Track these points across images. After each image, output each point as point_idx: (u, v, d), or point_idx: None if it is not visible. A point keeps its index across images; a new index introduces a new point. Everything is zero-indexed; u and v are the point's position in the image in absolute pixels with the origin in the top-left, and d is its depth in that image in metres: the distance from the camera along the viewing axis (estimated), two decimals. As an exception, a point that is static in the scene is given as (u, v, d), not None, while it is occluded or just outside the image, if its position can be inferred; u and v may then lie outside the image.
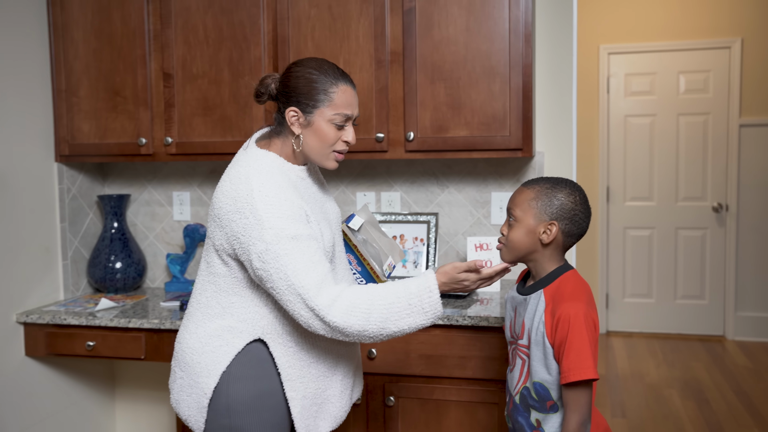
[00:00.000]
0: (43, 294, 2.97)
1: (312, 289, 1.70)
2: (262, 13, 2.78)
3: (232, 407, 1.81)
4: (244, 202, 1.74)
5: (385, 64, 2.70)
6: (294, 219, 1.74)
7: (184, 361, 1.88)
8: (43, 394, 2.97)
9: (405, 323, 1.75)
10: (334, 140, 1.85)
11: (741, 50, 5.53)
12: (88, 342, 2.77)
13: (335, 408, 1.92)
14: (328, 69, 1.84)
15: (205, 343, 1.84)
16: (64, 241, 3.05)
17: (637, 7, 5.69)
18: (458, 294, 2.66)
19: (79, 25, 2.96)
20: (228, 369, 1.82)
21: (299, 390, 1.84)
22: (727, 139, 5.62)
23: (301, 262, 1.71)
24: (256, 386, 1.82)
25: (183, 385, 1.88)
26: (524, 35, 2.59)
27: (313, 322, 1.71)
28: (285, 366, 1.83)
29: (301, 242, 1.72)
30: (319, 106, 1.82)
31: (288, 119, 1.84)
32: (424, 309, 1.76)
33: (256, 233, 1.72)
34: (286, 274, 1.70)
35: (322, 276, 1.72)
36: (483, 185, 3.02)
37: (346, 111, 1.84)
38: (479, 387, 2.47)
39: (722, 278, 5.71)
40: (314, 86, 1.82)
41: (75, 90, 2.98)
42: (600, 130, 5.84)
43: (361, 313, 1.71)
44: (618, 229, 5.91)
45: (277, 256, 1.70)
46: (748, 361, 5.15)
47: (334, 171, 3.15)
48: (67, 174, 3.09)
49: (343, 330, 1.71)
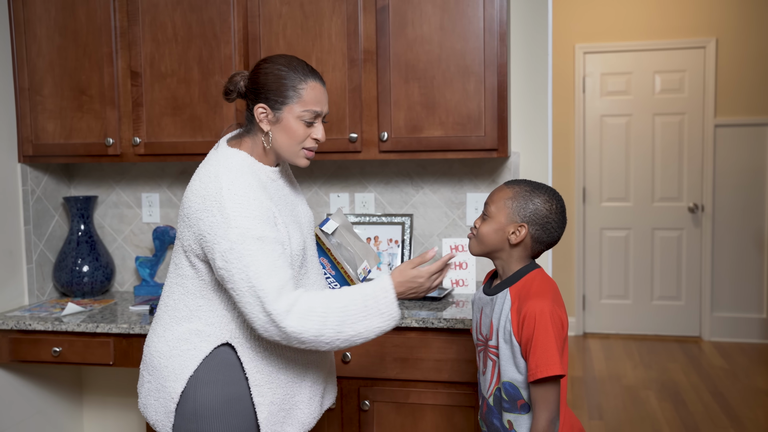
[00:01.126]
0: (7, 299, 2.93)
1: (272, 293, 1.68)
2: (232, 10, 2.76)
3: (199, 412, 1.79)
4: (213, 200, 1.73)
5: (359, 63, 2.69)
6: (261, 220, 1.73)
7: (152, 365, 1.86)
8: (8, 402, 2.92)
9: (362, 326, 1.74)
10: (303, 137, 1.85)
11: (716, 50, 5.58)
12: (55, 348, 2.73)
13: (303, 414, 1.90)
14: (297, 65, 1.84)
15: (172, 347, 1.83)
16: (28, 244, 3.01)
17: (613, 7, 5.73)
18: (433, 296, 2.66)
19: (43, 21, 2.92)
20: (195, 373, 1.80)
21: (267, 395, 1.82)
22: (703, 140, 5.68)
23: (264, 265, 1.69)
24: (224, 391, 1.80)
25: (150, 389, 1.86)
26: (499, 34, 2.60)
27: (269, 327, 1.70)
28: (253, 371, 1.81)
29: (266, 244, 1.71)
30: (288, 102, 1.81)
31: (257, 116, 1.83)
32: (380, 310, 1.76)
33: (222, 231, 1.70)
34: (248, 275, 1.68)
35: (284, 282, 1.71)
36: (458, 186, 3.02)
37: (315, 108, 1.84)
38: (455, 390, 2.47)
39: (698, 279, 5.77)
40: (283, 83, 1.81)
41: (39, 88, 2.94)
42: (576, 130, 5.87)
43: (317, 317, 1.70)
44: (594, 229, 5.95)
45: (240, 255, 1.69)
46: (724, 362, 5.21)
47: (307, 171, 3.14)
48: (32, 175, 3.04)
49: (299, 336, 1.70)
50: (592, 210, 5.93)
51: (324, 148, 2.74)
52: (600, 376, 4.94)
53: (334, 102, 2.72)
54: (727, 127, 5.62)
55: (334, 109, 2.72)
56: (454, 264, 2.83)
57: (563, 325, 1.78)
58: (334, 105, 2.72)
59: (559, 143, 5.86)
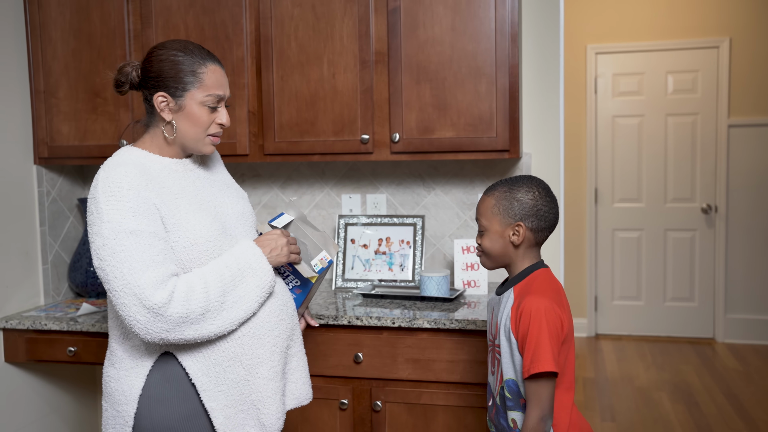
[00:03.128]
0: (23, 299, 2.95)
1: (148, 288, 1.60)
2: (244, 12, 2.77)
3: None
4: (91, 198, 1.68)
5: (370, 65, 2.69)
6: (135, 212, 1.64)
7: (106, 392, 1.80)
8: (24, 401, 2.94)
9: (242, 289, 1.73)
10: (207, 123, 1.80)
11: (729, 50, 5.55)
12: (70, 347, 2.75)
13: (264, 415, 1.79)
14: (193, 49, 1.78)
15: (119, 368, 1.76)
16: (44, 245, 3.03)
17: (624, 7, 5.70)
18: (445, 297, 2.65)
19: (57, 25, 2.94)
20: (144, 391, 1.72)
21: (219, 399, 1.74)
22: (716, 140, 5.64)
23: (138, 260, 1.60)
24: (181, 408, 1.73)
25: (107, 417, 1.79)
26: (510, 35, 2.59)
27: (153, 324, 1.61)
28: (198, 375, 1.73)
29: (141, 239, 1.62)
30: (189, 88, 1.76)
31: (157, 105, 1.76)
32: (252, 268, 1.75)
33: (96, 228, 1.64)
34: (123, 272, 1.60)
35: (162, 277, 1.62)
36: (470, 187, 3.02)
37: (218, 91, 1.79)
38: (467, 391, 2.47)
39: (712, 280, 5.74)
40: (181, 68, 1.76)
41: (54, 91, 2.96)
42: (588, 130, 5.85)
43: (199, 293, 1.66)
44: (606, 230, 5.92)
45: (113, 251, 1.61)
46: (738, 363, 5.17)
47: (319, 173, 3.14)
48: (47, 177, 3.06)
49: (186, 317, 1.63)
50: (604, 211, 5.91)
51: (335, 150, 2.74)
52: (612, 378, 4.92)
53: (346, 103, 2.72)
54: (740, 128, 5.59)
55: (346, 111, 2.73)
56: (467, 265, 2.82)
57: (562, 325, 1.77)
58: (346, 106, 2.72)
59: (571, 144, 5.85)
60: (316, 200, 3.17)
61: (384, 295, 2.76)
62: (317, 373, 2.55)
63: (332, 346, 2.55)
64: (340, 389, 2.56)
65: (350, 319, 2.51)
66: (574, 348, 1.88)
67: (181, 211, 1.73)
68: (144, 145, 1.83)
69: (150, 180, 1.71)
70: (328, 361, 2.56)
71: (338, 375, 2.55)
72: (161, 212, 1.70)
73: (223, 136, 2.81)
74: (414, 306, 2.64)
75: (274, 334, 1.83)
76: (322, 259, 1.97)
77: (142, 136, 1.85)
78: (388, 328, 2.51)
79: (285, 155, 2.81)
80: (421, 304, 2.68)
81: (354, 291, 2.85)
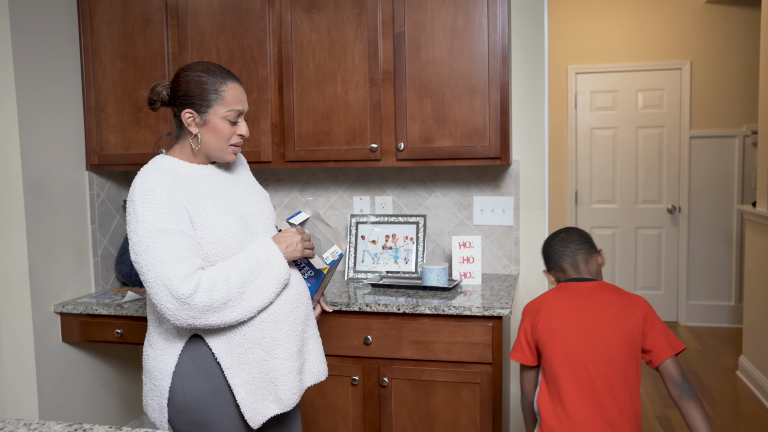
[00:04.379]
0: (77, 287, 2.91)
1: (177, 280, 1.58)
2: (268, 37, 2.72)
3: (190, 404, 1.70)
4: (129, 201, 1.66)
5: (378, 83, 2.64)
6: (166, 213, 1.62)
7: (146, 368, 1.78)
8: (78, 375, 2.92)
9: (260, 281, 1.69)
10: (229, 135, 1.76)
11: (690, 71, 5.49)
12: (117, 330, 2.71)
13: (281, 391, 1.76)
14: (215, 70, 1.75)
15: (155, 348, 1.74)
16: (94, 240, 2.99)
17: (600, 33, 5.64)
18: (444, 287, 2.60)
19: (107, 49, 2.90)
20: (177, 369, 1.71)
21: (240, 376, 1.71)
22: (680, 149, 5.58)
23: (169, 256, 1.59)
24: (209, 383, 1.70)
25: (147, 390, 1.77)
26: (501, 57, 2.53)
27: (181, 312, 1.60)
28: (222, 355, 1.70)
29: (171, 237, 1.61)
30: (212, 105, 1.73)
31: (185, 120, 1.74)
32: (270, 263, 1.71)
33: (133, 226, 1.62)
34: (155, 266, 1.59)
35: (189, 270, 1.61)
36: (466, 190, 2.96)
37: (238, 107, 1.76)
38: (463, 369, 2.41)
39: (675, 271, 5.66)
40: (205, 87, 1.73)
41: (103, 106, 2.92)
42: (569, 140, 5.79)
43: (221, 284, 1.63)
44: (585, 228, 5.85)
45: (147, 247, 1.60)
46: (697, 343, 5.10)
47: (333, 177, 3.09)
48: (97, 181, 3.02)
49: (210, 306, 1.61)
50: (583, 211, 5.84)
51: (348, 157, 2.69)
52: (590, 356, 4.84)
53: (356, 116, 2.67)
54: (700, 139, 5.53)
55: (357, 123, 2.67)
56: (463, 258, 2.76)
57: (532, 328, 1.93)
58: (356, 119, 2.67)
59: (554, 152, 5.80)
60: (330, 201, 3.11)
61: (390, 285, 2.70)
62: (332, 353, 2.51)
63: (345, 329, 2.49)
64: (351, 367, 2.50)
65: (361, 306, 2.45)
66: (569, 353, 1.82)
67: (207, 210, 1.70)
68: (175, 153, 1.79)
69: (180, 184, 1.68)
70: (341, 342, 2.50)
71: (350, 355, 2.50)
72: (189, 212, 1.67)
73: (249, 145, 2.76)
74: (416, 294, 2.58)
75: (290, 320, 1.79)
76: (333, 252, 1.93)
77: (173, 145, 1.81)
78: (394, 314, 2.45)
79: (303, 162, 2.76)
80: (423, 292, 2.62)
81: (364, 281, 2.80)
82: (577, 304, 1.86)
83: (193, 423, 1.70)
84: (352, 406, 2.53)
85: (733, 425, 3.57)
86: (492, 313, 2.34)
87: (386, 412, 2.49)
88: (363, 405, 2.52)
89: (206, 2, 2.78)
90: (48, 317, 2.76)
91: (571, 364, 1.80)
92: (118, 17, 2.88)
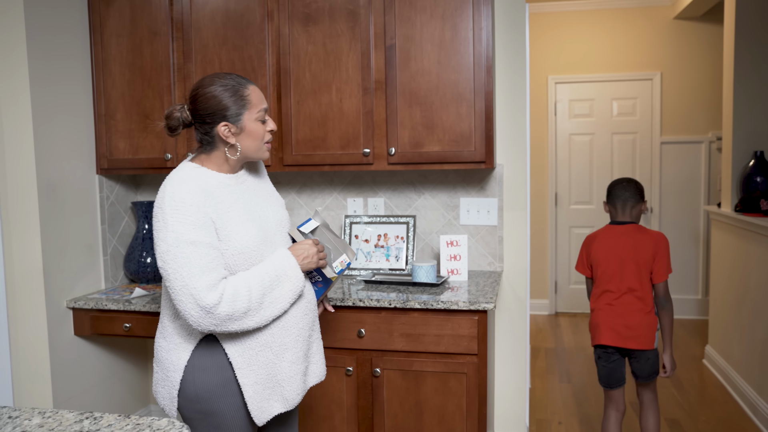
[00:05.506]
0: (88, 284, 2.87)
1: (203, 290, 1.55)
2: (267, 49, 2.69)
3: (200, 394, 1.67)
4: (158, 208, 1.60)
5: (371, 91, 2.61)
6: (195, 225, 1.57)
7: (158, 358, 1.74)
8: (89, 367, 2.88)
9: (278, 292, 1.66)
10: (263, 134, 1.73)
11: (661, 81, 5.49)
12: (125, 324, 2.67)
13: (286, 391, 1.74)
14: (232, 78, 1.69)
15: (169, 341, 1.71)
16: (104, 240, 2.95)
17: (578, 46, 5.64)
18: (432, 283, 2.57)
19: (116, 60, 2.86)
20: (189, 362, 1.67)
21: (250, 377, 1.68)
22: (651, 154, 5.58)
23: (196, 266, 1.55)
24: (218, 376, 1.67)
25: (158, 378, 1.74)
26: (486, 67, 2.51)
27: (203, 320, 1.57)
28: (234, 355, 1.67)
29: (199, 248, 1.57)
30: (243, 111, 1.68)
31: (221, 134, 1.67)
32: (288, 275, 1.69)
33: (162, 234, 1.57)
34: (182, 275, 1.55)
35: (214, 281, 1.58)
36: (453, 192, 2.94)
37: (263, 105, 1.73)
38: (451, 360, 2.39)
39: (648, 266, 5.66)
40: (232, 98, 1.67)
41: (112, 114, 2.88)
42: (549, 145, 5.78)
43: (243, 295, 1.60)
44: (564, 227, 5.84)
45: (175, 257, 1.55)
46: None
47: (328, 180, 3.06)
48: (106, 184, 2.98)
49: (231, 315, 1.58)
50: (563, 211, 5.83)
51: (342, 161, 2.66)
52: (569, 347, 4.83)
53: (350, 123, 2.64)
54: (670, 144, 5.53)
55: (351, 130, 2.65)
56: (450, 256, 2.74)
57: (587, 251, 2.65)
58: (350, 126, 2.64)
59: (535, 157, 5.79)
60: (326, 203, 3.09)
61: (382, 281, 2.68)
62: (327, 345, 2.48)
63: (340, 323, 2.47)
64: (346, 359, 2.48)
65: (354, 301, 2.42)
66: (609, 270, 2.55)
67: (232, 222, 1.65)
68: (204, 162, 1.72)
69: (208, 196, 1.63)
70: (336, 335, 2.47)
71: (345, 347, 2.47)
72: (216, 224, 1.62)
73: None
74: (407, 290, 2.55)
75: (299, 326, 1.77)
76: (342, 262, 1.91)
77: (200, 154, 1.74)
78: (386, 309, 2.42)
79: (300, 166, 2.73)
80: (413, 288, 2.59)
81: (357, 278, 2.77)
82: (615, 240, 2.57)
83: (202, 412, 1.68)
84: (347, 395, 2.51)
85: (699, 409, 3.56)
86: (477, 308, 2.32)
87: (378, 400, 2.47)
88: (357, 394, 2.50)
89: (209, 16, 2.75)
90: (61, 312, 2.72)
91: (609, 276, 2.55)
92: (126, 30, 2.85)
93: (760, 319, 3.40)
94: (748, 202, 3.68)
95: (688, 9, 5.16)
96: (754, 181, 3.76)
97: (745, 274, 3.62)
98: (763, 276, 3.37)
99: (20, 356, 2.68)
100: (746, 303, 3.61)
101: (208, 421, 1.68)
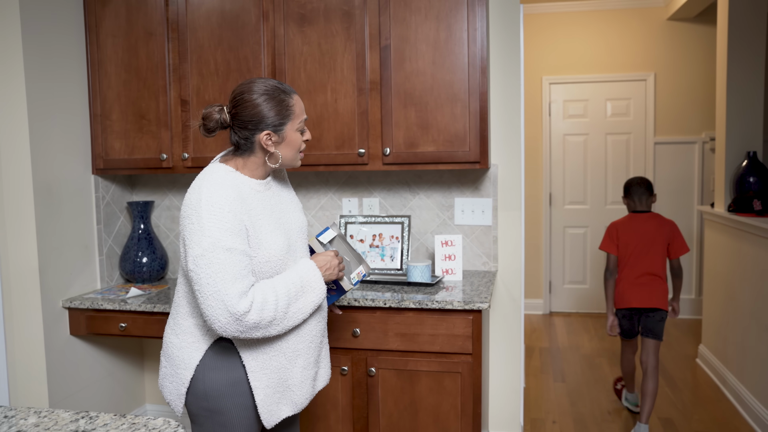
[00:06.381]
0: (84, 284, 2.87)
1: (235, 297, 1.54)
2: (262, 49, 2.69)
3: (209, 393, 1.68)
4: (193, 209, 1.58)
5: (366, 92, 2.61)
6: (232, 232, 1.56)
7: (167, 354, 1.74)
8: (86, 366, 2.87)
9: (302, 302, 1.68)
10: (300, 144, 1.73)
11: (654, 82, 5.51)
12: (121, 323, 2.67)
13: (296, 395, 1.76)
14: (278, 87, 1.68)
15: (182, 339, 1.70)
16: (100, 240, 2.95)
17: (572, 47, 5.65)
18: (427, 283, 2.58)
19: (112, 61, 2.86)
20: (201, 361, 1.68)
21: (262, 380, 1.69)
22: (645, 154, 5.59)
23: (230, 273, 1.54)
24: (229, 375, 1.68)
25: (166, 373, 1.74)
26: (480, 68, 2.52)
27: (231, 326, 1.56)
28: (248, 359, 1.68)
29: (234, 255, 1.56)
30: (286, 122, 1.67)
31: (263, 143, 1.66)
32: (312, 286, 1.70)
33: (197, 238, 1.55)
34: (215, 281, 1.54)
35: (246, 288, 1.57)
36: (447, 192, 2.95)
37: (304, 116, 1.73)
38: (445, 359, 2.39)
39: (642, 266, 5.68)
40: (277, 108, 1.66)
41: (108, 114, 2.88)
42: (543, 146, 5.79)
43: (271, 304, 1.60)
44: (558, 228, 5.86)
45: (210, 262, 1.54)
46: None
47: (323, 180, 3.06)
48: (102, 184, 2.98)
49: (258, 323, 1.58)
50: (557, 211, 5.84)
51: (337, 161, 2.66)
52: (563, 347, 4.85)
53: (345, 124, 2.64)
54: (664, 144, 5.55)
55: (346, 130, 2.65)
56: (445, 256, 2.74)
57: (616, 232, 3.25)
58: (345, 126, 2.64)
59: (530, 157, 5.79)
60: (321, 203, 3.09)
61: (377, 281, 2.68)
62: (322, 344, 2.48)
63: (335, 323, 2.47)
64: (341, 358, 2.48)
65: (349, 301, 2.43)
66: (635, 250, 3.18)
67: (263, 231, 1.65)
68: (238, 167, 1.70)
69: (243, 202, 1.62)
70: (332, 335, 2.47)
71: (340, 346, 2.47)
72: (249, 232, 1.62)
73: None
74: (402, 290, 2.55)
75: (312, 334, 1.78)
76: (358, 273, 1.94)
77: (233, 157, 1.72)
78: (381, 308, 2.43)
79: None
80: (408, 288, 2.59)
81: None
82: (638, 224, 3.20)
83: (209, 409, 1.68)
84: (342, 394, 2.51)
85: (693, 408, 3.57)
86: (472, 307, 2.32)
87: (373, 399, 2.47)
88: (352, 393, 2.50)
89: (205, 17, 2.74)
90: (57, 312, 2.72)
91: (633, 254, 3.19)
92: (122, 31, 2.84)
93: (754, 318, 3.42)
94: (742, 202, 3.70)
95: (681, 10, 5.18)
96: (747, 181, 3.78)
97: (739, 274, 3.64)
98: (756, 276, 3.39)
99: (16, 356, 2.67)
100: (739, 303, 3.63)
101: (214, 419, 1.69)
